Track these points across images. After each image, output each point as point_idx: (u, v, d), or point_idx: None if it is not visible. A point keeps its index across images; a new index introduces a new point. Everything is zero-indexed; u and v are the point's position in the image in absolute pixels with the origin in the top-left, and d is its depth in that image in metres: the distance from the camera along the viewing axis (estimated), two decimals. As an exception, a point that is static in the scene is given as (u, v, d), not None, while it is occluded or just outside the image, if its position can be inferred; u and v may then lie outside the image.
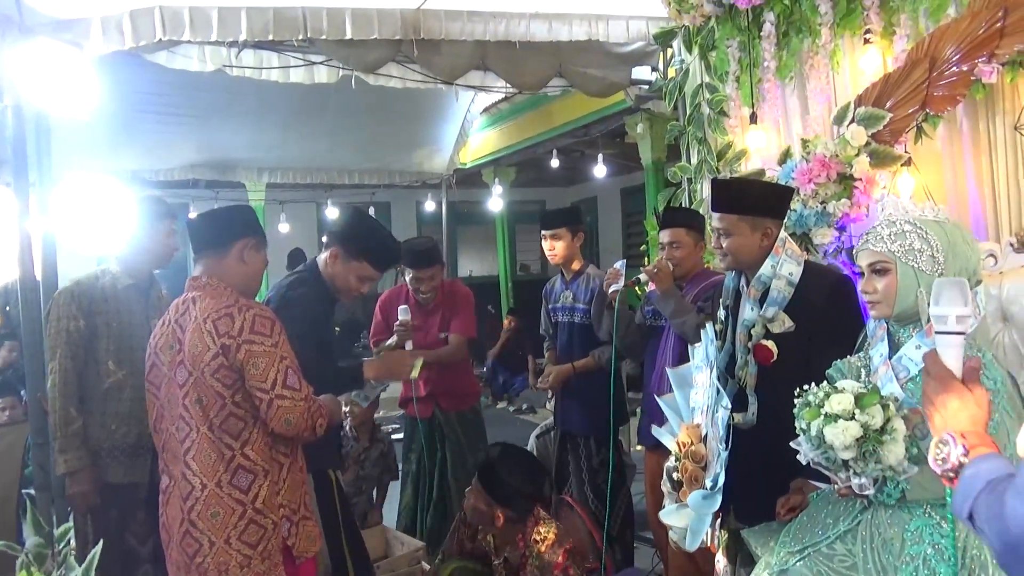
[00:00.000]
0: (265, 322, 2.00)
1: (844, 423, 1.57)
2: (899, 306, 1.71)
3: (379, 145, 7.07)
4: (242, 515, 1.97)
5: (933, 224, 1.71)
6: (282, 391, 1.96)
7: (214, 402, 1.96)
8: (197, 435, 1.98)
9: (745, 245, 2.30)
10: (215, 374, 1.96)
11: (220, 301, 2.01)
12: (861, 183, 2.86)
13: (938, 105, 2.67)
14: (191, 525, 1.97)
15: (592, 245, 11.32)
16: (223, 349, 1.95)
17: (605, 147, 7.48)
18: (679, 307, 2.82)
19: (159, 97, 5.35)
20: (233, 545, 1.95)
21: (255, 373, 1.95)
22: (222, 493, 1.96)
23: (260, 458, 2.00)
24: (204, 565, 1.95)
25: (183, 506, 1.98)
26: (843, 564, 1.71)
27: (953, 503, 1.13)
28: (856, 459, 1.59)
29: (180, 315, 2.08)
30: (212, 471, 1.96)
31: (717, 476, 1.97)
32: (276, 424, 1.97)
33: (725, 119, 3.56)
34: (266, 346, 1.97)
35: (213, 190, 8.34)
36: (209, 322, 1.96)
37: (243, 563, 1.96)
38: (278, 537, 2.02)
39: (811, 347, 2.16)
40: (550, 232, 3.54)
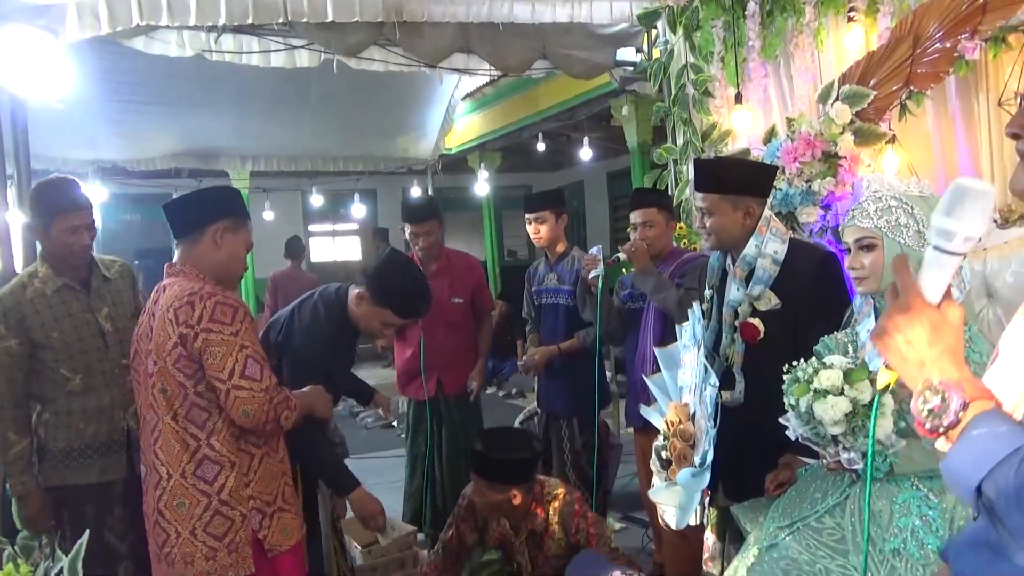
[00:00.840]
0: (226, 310, 1.93)
1: (833, 399, 1.58)
2: (886, 281, 1.72)
3: (363, 131, 7.03)
4: (207, 506, 1.93)
5: (919, 199, 1.71)
6: (239, 381, 1.90)
7: (177, 392, 1.93)
8: (162, 425, 1.95)
9: (727, 224, 2.31)
10: (176, 364, 1.92)
11: (185, 288, 1.95)
12: (846, 161, 2.87)
13: (922, 82, 2.67)
14: (159, 515, 1.96)
15: (579, 229, 11.32)
16: (181, 339, 1.90)
17: (591, 130, 7.47)
18: (659, 283, 2.85)
19: (137, 85, 5.29)
20: (198, 536, 1.93)
21: (212, 363, 1.90)
22: (187, 484, 1.93)
23: (226, 449, 1.96)
24: (172, 555, 1.94)
25: (154, 494, 1.97)
26: (832, 537, 1.72)
27: (952, 468, 0.89)
28: (845, 434, 1.60)
29: (153, 303, 2.04)
30: (176, 461, 1.94)
31: (706, 453, 1.98)
32: (235, 415, 1.92)
33: (710, 99, 3.55)
34: (224, 335, 1.91)
35: (196, 179, 8.26)
36: (171, 311, 1.91)
37: (208, 555, 1.93)
38: (247, 530, 1.97)
39: (798, 324, 2.17)
40: (534, 215, 3.53)
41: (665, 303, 2.83)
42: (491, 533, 2.75)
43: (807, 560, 1.71)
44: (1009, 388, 0.95)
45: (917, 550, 1.59)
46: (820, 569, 1.69)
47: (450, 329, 3.65)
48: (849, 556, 1.68)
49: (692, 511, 2.18)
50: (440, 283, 3.58)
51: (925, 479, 1.66)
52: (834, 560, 1.69)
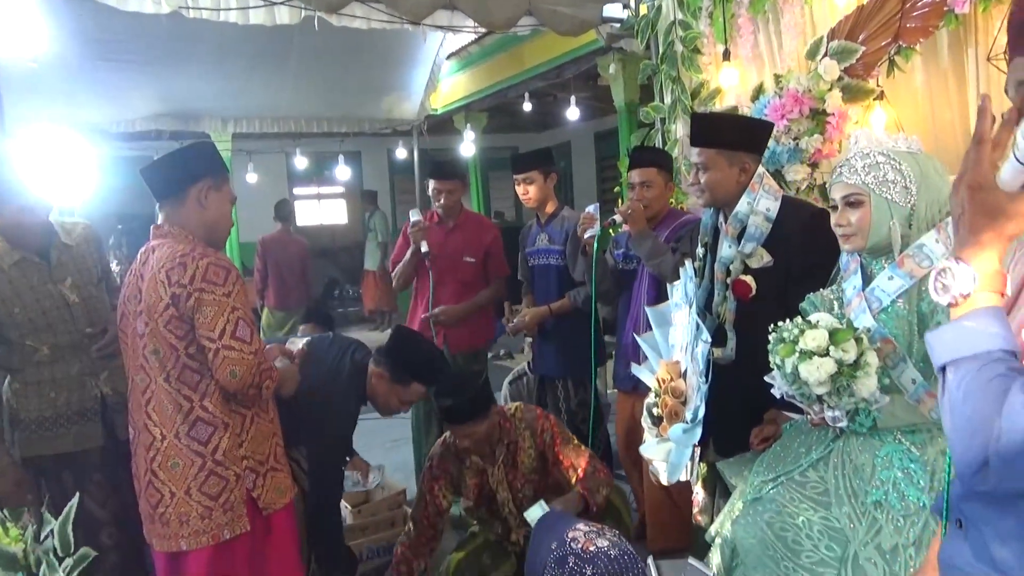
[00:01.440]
0: (219, 271, 1.93)
1: (819, 360, 1.59)
2: (872, 238, 1.72)
3: (346, 91, 6.92)
4: (202, 466, 1.94)
5: (906, 155, 1.71)
6: (230, 341, 1.90)
7: (169, 354, 1.93)
8: (155, 386, 1.96)
9: (723, 180, 2.30)
10: (167, 325, 1.91)
11: (176, 250, 1.94)
12: (834, 118, 2.85)
13: (911, 37, 2.64)
14: (153, 475, 1.97)
15: (566, 190, 11.26)
16: (173, 299, 1.89)
17: (578, 90, 7.37)
18: (655, 248, 2.82)
19: (114, 43, 5.16)
20: (194, 496, 1.94)
21: (203, 322, 1.90)
22: (181, 444, 1.94)
23: (219, 410, 1.97)
24: (166, 515, 1.96)
25: (147, 455, 1.98)
26: (815, 490, 1.75)
27: (930, 339, 0.95)
28: (830, 394, 1.61)
29: (142, 264, 2.02)
30: (170, 422, 1.94)
31: (697, 409, 1.99)
32: (221, 375, 1.91)
33: (699, 57, 3.51)
34: (217, 295, 1.90)
35: (178, 141, 8.12)
36: (163, 271, 1.91)
37: (204, 514, 1.94)
38: (241, 489, 1.98)
39: (788, 281, 2.18)
40: (522, 176, 3.50)
41: (660, 268, 2.81)
42: (467, 483, 2.77)
43: (791, 512, 1.74)
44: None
45: (898, 501, 1.62)
46: (803, 521, 1.72)
47: (460, 286, 3.67)
48: (832, 508, 1.71)
49: (683, 467, 2.21)
50: (455, 240, 3.66)
51: (907, 433, 1.69)
52: (817, 512, 1.72)
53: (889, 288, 1.68)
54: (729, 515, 1.93)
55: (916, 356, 1.68)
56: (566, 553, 2.02)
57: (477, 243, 3.72)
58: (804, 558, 1.67)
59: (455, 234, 3.68)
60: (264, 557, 2.08)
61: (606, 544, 1.99)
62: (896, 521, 1.61)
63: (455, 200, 3.67)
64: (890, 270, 1.69)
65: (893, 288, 1.68)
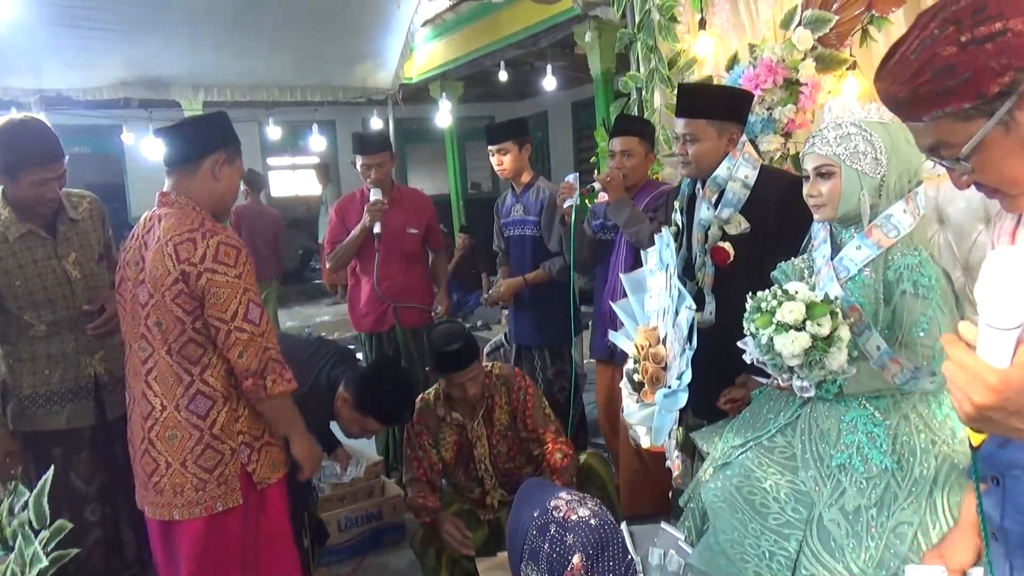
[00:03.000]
0: (230, 251, 1.92)
1: (794, 333, 1.61)
2: (842, 208, 1.74)
3: (319, 59, 6.80)
4: (199, 440, 1.96)
5: (878, 125, 1.72)
6: (242, 324, 1.92)
7: (173, 327, 1.92)
8: (157, 357, 1.96)
9: (712, 151, 2.29)
10: (175, 299, 1.91)
11: (184, 223, 1.93)
12: (807, 88, 2.86)
13: (884, 6, 2.65)
14: (150, 444, 1.98)
15: (543, 160, 11.22)
16: (183, 275, 1.89)
17: (554, 58, 7.32)
18: (632, 216, 2.83)
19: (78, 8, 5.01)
20: (189, 468, 1.96)
21: (215, 303, 1.90)
22: (180, 417, 1.95)
23: (220, 384, 1.98)
24: (160, 484, 1.97)
25: (143, 424, 1.98)
26: (783, 455, 1.80)
27: None
28: (801, 366, 1.64)
29: (146, 231, 2.00)
30: (171, 394, 1.96)
31: (683, 374, 2.01)
32: (232, 355, 1.93)
33: (675, 25, 3.49)
34: (229, 276, 1.91)
35: (147, 109, 7.96)
36: (171, 245, 1.89)
37: (199, 486, 1.97)
38: (236, 463, 2.01)
39: (765, 248, 2.20)
40: (496, 147, 3.49)
41: (638, 236, 2.82)
42: (446, 440, 2.79)
43: (759, 476, 1.78)
44: None
45: (861, 464, 1.67)
46: (771, 485, 1.76)
47: (405, 260, 3.65)
48: (798, 472, 1.76)
49: (667, 430, 2.24)
50: (395, 213, 3.58)
51: (872, 399, 1.73)
52: (784, 476, 1.76)
53: (857, 257, 1.71)
54: (700, 480, 1.97)
55: (883, 323, 1.72)
56: (548, 521, 2.05)
57: (417, 215, 3.70)
58: (771, 520, 1.72)
59: (395, 209, 3.59)
60: (258, 531, 2.10)
61: (587, 513, 2.02)
62: (859, 483, 1.66)
63: (386, 173, 3.57)
64: (858, 239, 1.72)
65: (860, 258, 1.71)
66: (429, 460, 2.78)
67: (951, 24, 0.92)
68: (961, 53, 0.92)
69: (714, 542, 1.79)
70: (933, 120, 0.98)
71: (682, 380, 2.00)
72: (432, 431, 2.79)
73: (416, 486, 2.77)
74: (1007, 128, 0.94)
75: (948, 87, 0.94)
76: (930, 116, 0.98)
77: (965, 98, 0.94)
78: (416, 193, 3.92)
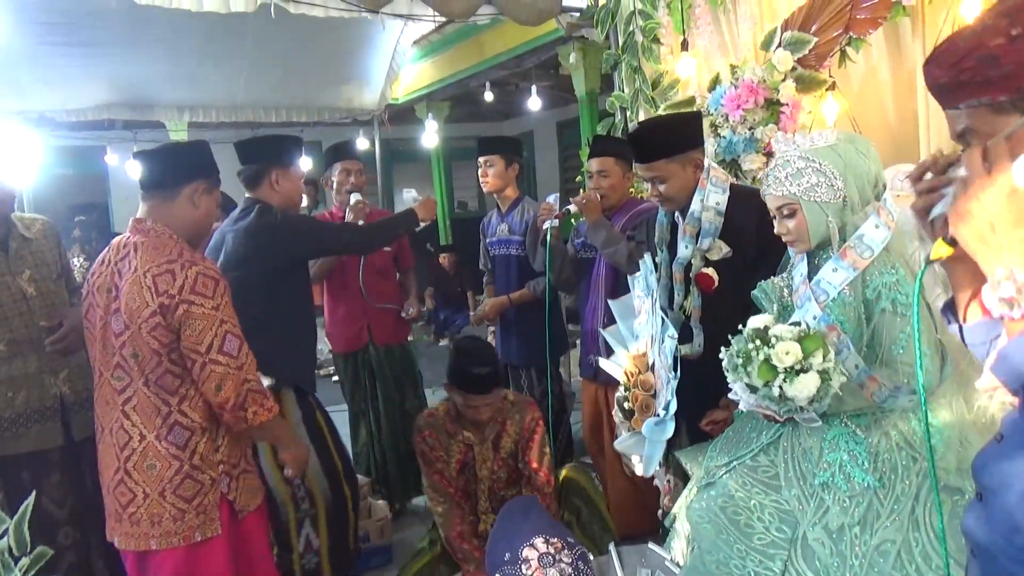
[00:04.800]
0: (208, 282, 1.92)
1: (803, 377, 1.58)
2: (814, 239, 1.77)
3: (304, 80, 6.82)
4: (179, 470, 1.95)
5: (825, 151, 1.73)
6: (216, 356, 1.91)
7: (149, 358, 1.92)
8: (135, 388, 1.95)
9: (683, 185, 2.32)
10: (152, 332, 1.89)
11: (162, 254, 1.92)
12: (788, 108, 2.90)
13: (861, 28, 2.70)
14: (126, 475, 1.94)
15: (529, 180, 11.26)
16: (161, 308, 1.88)
17: (539, 79, 7.37)
18: (609, 237, 2.84)
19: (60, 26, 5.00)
20: (168, 498, 1.94)
21: (191, 335, 1.90)
22: (160, 447, 1.94)
23: (198, 416, 1.97)
24: (137, 515, 1.95)
25: (119, 455, 1.95)
26: (766, 474, 1.80)
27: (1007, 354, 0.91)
28: (812, 400, 1.62)
29: (120, 258, 1.97)
30: (151, 424, 1.94)
31: (669, 403, 2.02)
32: (207, 389, 1.92)
33: (659, 47, 3.53)
34: (206, 308, 1.90)
35: (131, 131, 7.95)
36: (149, 276, 1.89)
37: (176, 516, 1.95)
38: (216, 492, 2.00)
39: (747, 270, 2.21)
40: (484, 158, 3.50)
41: (615, 257, 2.83)
42: (454, 455, 2.75)
43: (743, 496, 1.78)
44: None
45: (844, 482, 1.68)
46: (755, 504, 1.76)
47: (378, 276, 3.61)
48: (782, 491, 1.76)
49: (657, 459, 2.24)
50: None
51: (853, 417, 1.74)
52: (768, 495, 1.76)
53: (835, 280, 1.73)
54: (686, 500, 1.97)
55: (863, 342, 1.73)
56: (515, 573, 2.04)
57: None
58: (756, 540, 1.72)
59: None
60: (240, 559, 2.10)
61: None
62: (842, 502, 1.66)
63: (364, 181, 3.61)
64: (834, 261, 1.73)
65: (838, 280, 1.72)
66: (448, 468, 2.75)
67: (1005, 17, 0.94)
68: (1008, 46, 0.93)
69: (700, 563, 1.78)
70: (968, 108, 0.98)
71: (668, 409, 2.00)
72: (443, 446, 2.76)
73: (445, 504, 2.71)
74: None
75: (988, 77, 0.95)
76: (966, 104, 0.98)
77: (1003, 90, 0.95)
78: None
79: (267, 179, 2.67)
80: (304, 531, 2.71)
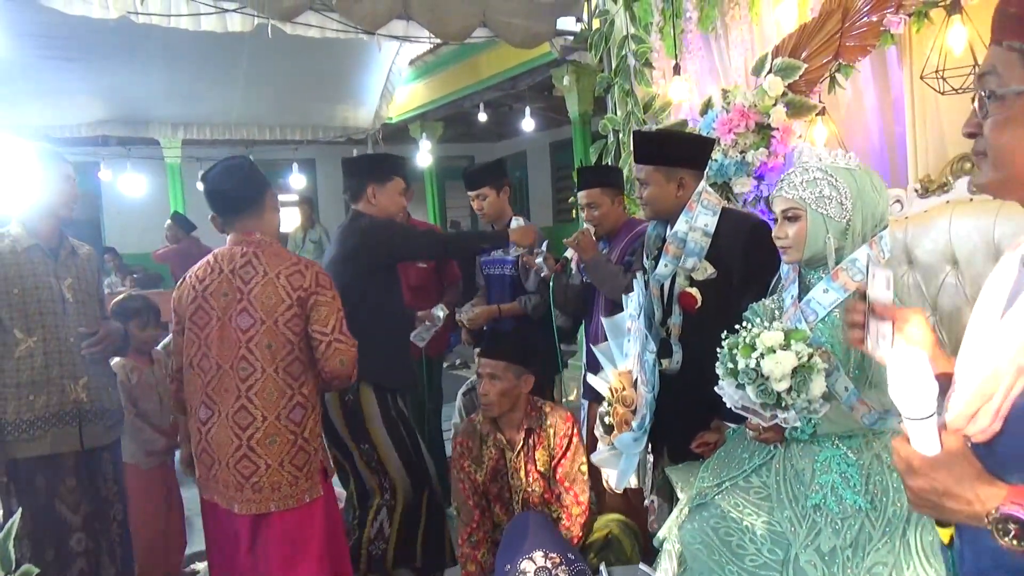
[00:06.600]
0: (325, 277, 2.33)
1: (781, 353, 1.61)
2: (809, 251, 1.78)
3: (299, 98, 6.87)
4: (294, 443, 2.28)
5: (843, 171, 1.78)
6: (339, 335, 2.27)
7: (282, 347, 2.25)
8: (263, 375, 2.24)
9: (661, 195, 2.36)
10: (288, 323, 2.24)
11: (284, 258, 2.31)
12: (778, 133, 2.94)
13: (850, 55, 2.75)
14: (249, 450, 2.25)
15: (523, 200, 11.32)
16: (299, 301, 2.25)
17: (532, 100, 7.45)
18: (605, 275, 2.86)
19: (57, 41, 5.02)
20: (285, 467, 2.27)
21: (318, 318, 2.25)
22: (280, 425, 2.26)
23: (311, 395, 2.32)
24: (260, 483, 2.25)
25: (240, 433, 2.24)
26: (758, 495, 1.80)
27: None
28: (791, 389, 1.63)
29: (239, 266, 2.29)
30: (274, 406, 2.25)
31: (644, 418, 2.03)
32: (332, 364, 2.25)
33: (651, 71, 3.58)
34: (327, 297, 2.28)
35: (126, 147, 7.95)
36: (282, 277, 2.25)
37: (292, 482, 2.28)
38: (317, 460, 2.34)
39: (732, 293, 2.23)
40: (475, 192, 3.51)
41: (614, 292, 2.83)
42: (487, 459, 2.74)
43: (735, 517, 1.78)
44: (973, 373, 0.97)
45: (836, 504, 1.68)
46: (747, 526, 1.76)
47: (413, 293, 3.62)
48: (774, 512, 1.76)
49: (631, 473, 2.24)
50: None
51: (845, 439, 1.75)
52: (760, 517, 1.77)
53: (824, 301, 1.75)
54: (676, 521, 1.97)
55: (853, 364, 1.74)
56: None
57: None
58: (748, 562, 1.72)
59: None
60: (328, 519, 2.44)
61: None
62: (834, 524, 1.66)
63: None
64: (825, 282, 1.76)
65: (828, 301, 1.74)
66: (471, 480, 2.75)
67: None
68: None
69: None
70: (1005, 48, 0.95)
71: (643, 423, 2.01)
72: (474, 453, 2.76)
73: (462, 513, 2.74)
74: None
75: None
76: (1007, 43, 0.94)
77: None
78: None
79: (364, 193, 2.92)
80: (380, 518, 2.86)
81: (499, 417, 2.72)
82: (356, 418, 2.81)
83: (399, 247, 2.99)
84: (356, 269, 2.82)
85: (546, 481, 2.74)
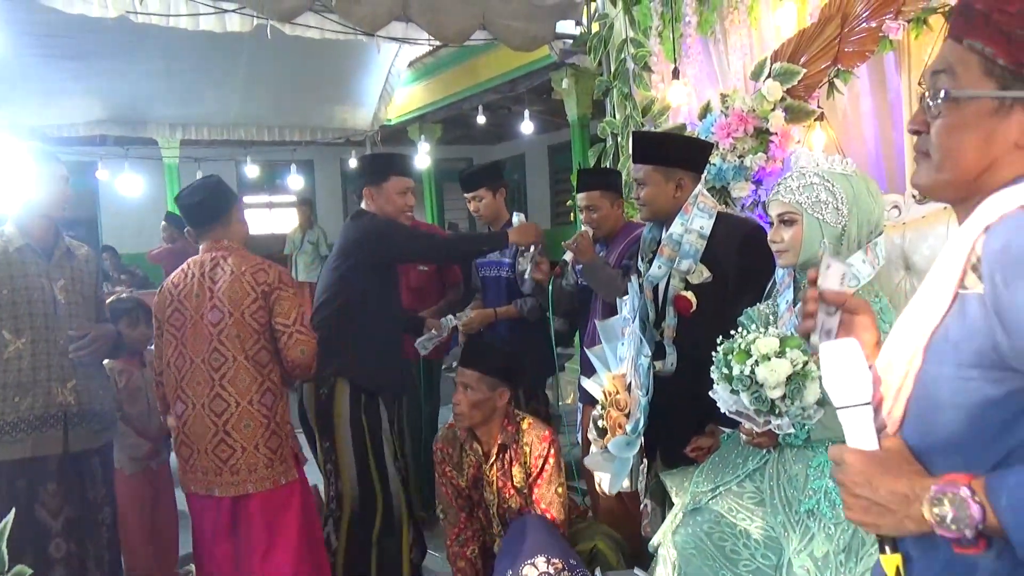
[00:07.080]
0: (287, 276, 2.58)
1: (775, 361, 1.62)
2: (804, 255, 1.78)
3: (297, 99, 6.87)
4: (267, 427, 2.44)
5: (840, 177, 1.77)
6: (300, 327, 2.47)
7: (249, 337, 2.44)
8: (234, 363, 2.42)
9: (658, 195, 2.36)
10: (253, 315, 2.44)
11: (249, 259, 2.52)
12: (776, 137, 2.94)
13: (849, 61, 2.75)
14: (225, 435, 2.41)
15: (521, 202, 11.32)
16: (263, 295, 2.45)
17: (531, 103, 7.45)
18: (603, 277, 2.85)
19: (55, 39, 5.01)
20: (260, 450, 2.43)
21: (280, 311, 2.46)
22: (253, 409, 2.43)
23: (279, 381, 2.51)
24: (237, 466, 2.41)
25: (216, 420, 2.41)
26: (752, 500, 1.80)
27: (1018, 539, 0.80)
28: (784, 397, 1.64)
29: (209, 269, 2.50)
30: (246, 391, 2.43)
31: (638, 421, 2.02)
32: (293, 353, 2.44)
33: (649, 74, 3.58)
34: (289, 293, 2.50)
35: (123, 147, 7.94)
36: (248, 274, 2.46)
37: (267, 464, 2.44)
38: (288, 444, 2.51)
39: (727, 296, 2.23)
40: (471, 194, 3.51)
41: (610, 297, 2.81)
42: (467, 467, 2.73)
43: (729, 522, 1.78)
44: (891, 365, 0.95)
45: (829, 510, 1.68)
46: (741, 531, 1.76)
47: (413, 295, 3.63)
48: (768, 517, 1.76)
49: (624, 477, 2.24)
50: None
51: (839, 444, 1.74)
52: (754, 522, 1.77)
53: (818, 305, 1.74)
54: (670, 526, 1.96)
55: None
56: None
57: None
58: (742, 567, 1.72)
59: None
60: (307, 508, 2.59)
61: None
62: (827, 529, 1.66)
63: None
64: (819, 288, 1.75)
65: None
66: (454, 485, 2.73)
67: None
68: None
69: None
70: (965, 46, 0.89)
71: (637, 427, 2.01)
72: (454, 459, 2.74)
73: (447, 517, 2.72)
74: (999, 112, 0.87)
75: (999, 27, 0.86)
76: (968, 41, 0.89)
77: (1000, 50, 0.86)
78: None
79: (365, 194, 3.02)
80: (326, 530, 2.82)
81: (474, 427, 2.68)
82: (326, 413, 2.81)
83: (399, 247, 2.97)
84: (353, 264, 2.85)
85: (523, 498, 2.70)
